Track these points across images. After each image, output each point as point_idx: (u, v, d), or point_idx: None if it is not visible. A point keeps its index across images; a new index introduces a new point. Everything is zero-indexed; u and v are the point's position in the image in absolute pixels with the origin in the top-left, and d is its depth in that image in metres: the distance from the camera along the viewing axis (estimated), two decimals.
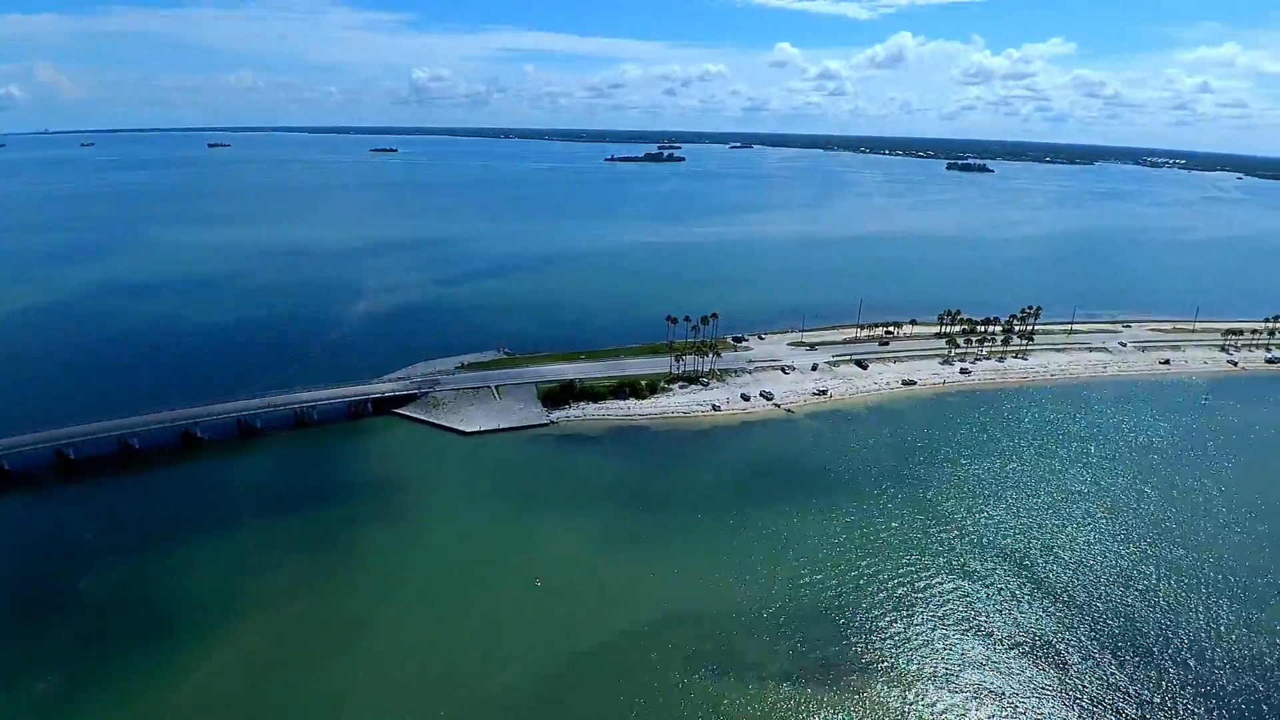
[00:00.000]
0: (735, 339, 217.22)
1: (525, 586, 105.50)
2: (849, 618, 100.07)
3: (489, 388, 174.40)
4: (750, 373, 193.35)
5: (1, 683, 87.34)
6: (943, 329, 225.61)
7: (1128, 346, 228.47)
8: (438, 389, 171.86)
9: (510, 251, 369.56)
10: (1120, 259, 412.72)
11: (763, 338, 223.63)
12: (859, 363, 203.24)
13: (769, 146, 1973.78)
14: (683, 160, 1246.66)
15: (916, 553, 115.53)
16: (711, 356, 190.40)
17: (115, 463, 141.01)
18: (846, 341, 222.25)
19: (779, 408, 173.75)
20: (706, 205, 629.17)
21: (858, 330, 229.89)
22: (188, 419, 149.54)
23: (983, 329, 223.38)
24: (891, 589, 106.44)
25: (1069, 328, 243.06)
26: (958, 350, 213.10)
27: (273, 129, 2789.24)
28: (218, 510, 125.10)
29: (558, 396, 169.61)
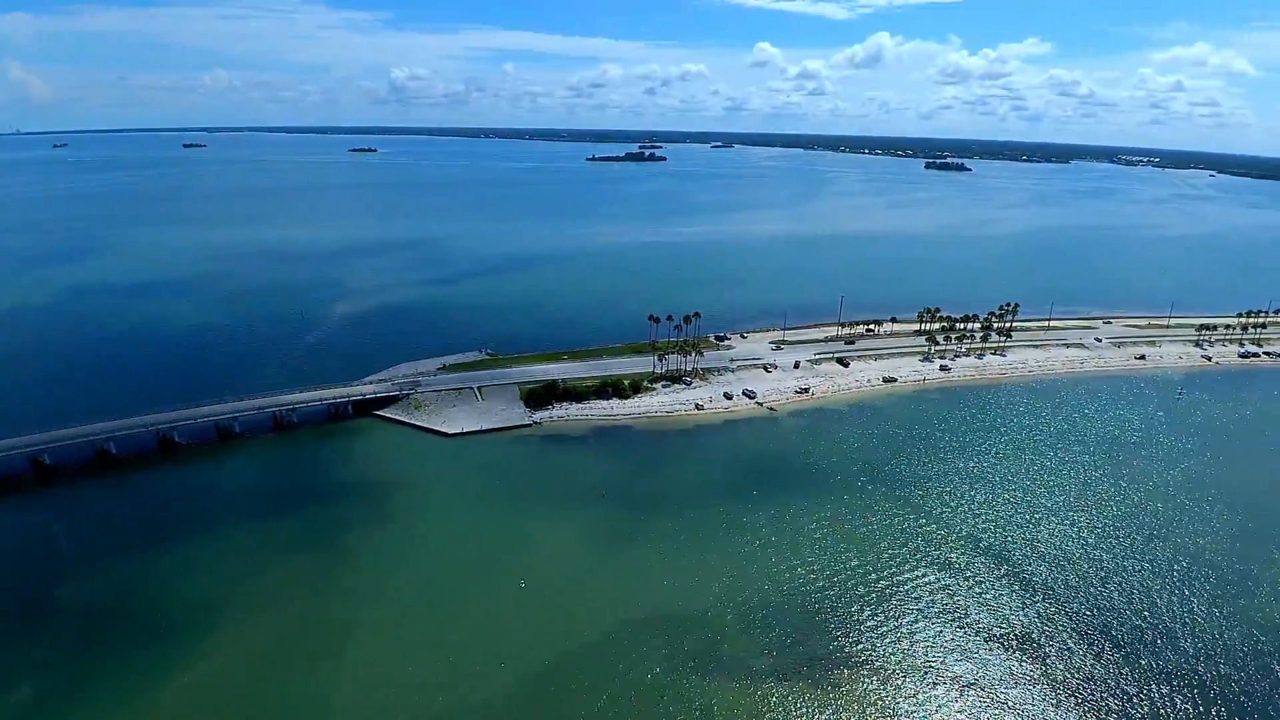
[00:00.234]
0: (718, 338, 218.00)
1: (510, 588, 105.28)
2: (833, 612, 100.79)
3: (471, 389, 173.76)
4: (733, 371, 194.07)
5: None
6: (923, 326, 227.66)
7: (1104, 342, 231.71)
8: (419, 390, 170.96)
9: (492, 252, 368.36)
10: (1096, 256, 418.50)
11: (745, 336, 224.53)
12: (841, 360, 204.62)
13: (750, 146, 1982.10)
14: (664, 160, 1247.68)
15: (898, 547, 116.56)
16: (694, 355, 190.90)
17: (92, 469, 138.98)
18: (828, 340, 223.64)
19: (761, 406, 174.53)
20: (689, 205, 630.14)
21: (839, 328, 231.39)
22: (165, 423, 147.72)
23: (962, 326, 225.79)
24: (874, 583, 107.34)
25: (1046, 324, 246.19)
26: (938, 348, 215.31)
27: (250, 129, 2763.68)
28: (198, 515, 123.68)
29: (540, 397, 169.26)
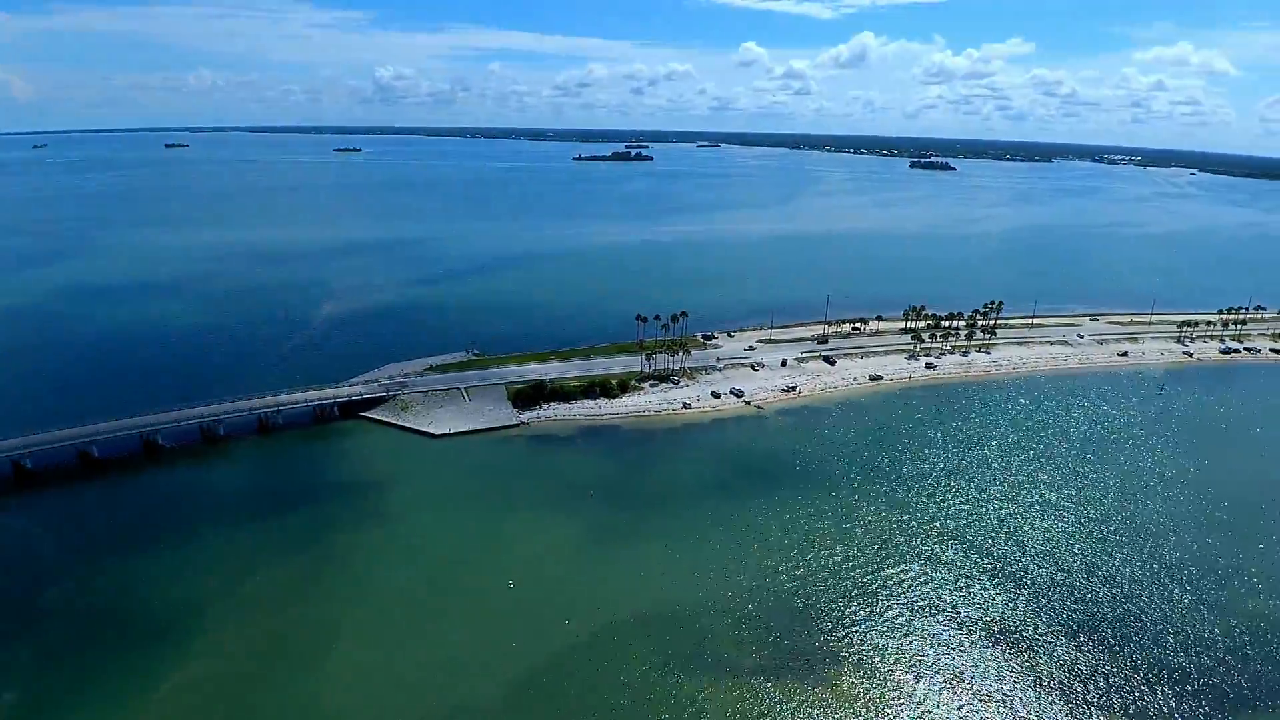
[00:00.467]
0: (705, 337, 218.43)
1: (499, 589, 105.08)
2: (821, 609, 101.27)
3: (458, 389, 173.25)
4: (720, 370, 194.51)
5: None
6: (908, 325, 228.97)
7: (1087, 339, 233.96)
8: (406, 391, 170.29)
9: (479, 252, 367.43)
10: (1079, 253, 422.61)
11: (732, 335, 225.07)
12: (827, 359, 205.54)
13: (737, 146, 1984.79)
14: (651, 160, 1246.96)
15: (885, 543, 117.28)
16: (682, 355, 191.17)
17: (74, 472, 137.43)
18: (815, 338, 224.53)
19: (749, 404, 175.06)
20: (676, 204, 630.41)
21: (825, 327, 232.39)
22: (148, 426, 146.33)
23: (947, 324, 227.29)
24: (862, 579, 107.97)
25: (1030, 322, 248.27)
26: (923, 345, 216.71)
27: (233, 129, 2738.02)
28: (183, 518, 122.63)
29: (528, 397, 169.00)
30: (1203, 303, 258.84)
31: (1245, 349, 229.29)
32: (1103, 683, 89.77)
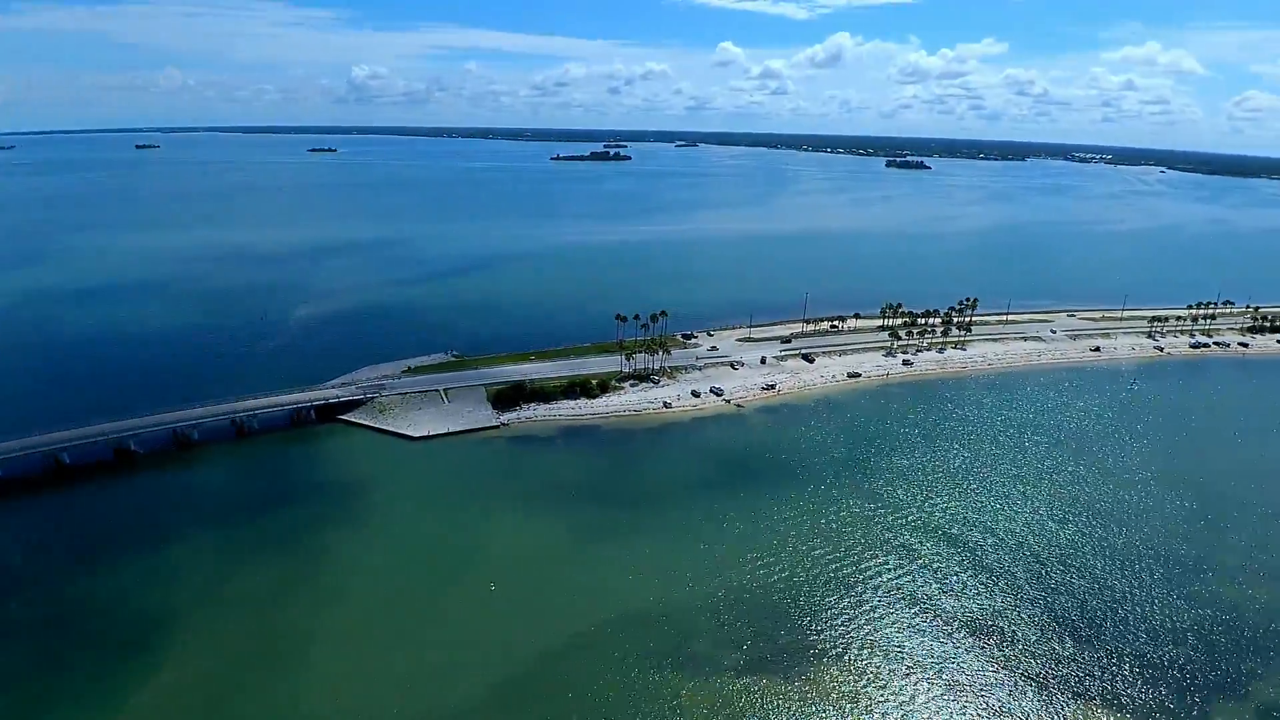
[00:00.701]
0: (685, 336, 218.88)
1: (480, 591, 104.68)
2: (802, 605, 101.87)
3: (437, 391, 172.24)
4: (700, 369, 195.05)
5: None
6: (886, 322, 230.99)
7: (1060, 335, 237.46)
8: (384, 393, 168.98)
9: (457, 252, 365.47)
10: (1052, 251, 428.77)
11: (712, 334, 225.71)
12: (806, 357, 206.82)
13: (714, 145, 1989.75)
14: (630, 159, 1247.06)
15: (864, 538, 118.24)
16: (662, 354, 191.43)
17: (45, 480, 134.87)
18: (794, 336, 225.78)
19: (729, 403, 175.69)
20: (654, 204, 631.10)
21: (804, 325, 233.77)
22: (121, 432, 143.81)
23: (923, 321, 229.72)
24: (841, 574, 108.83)
25: (1005, 318, 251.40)
26: (900, 342, 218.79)
27: (205, 129, 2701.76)
28: (158, 525, 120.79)
29: (508, 398, 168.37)
30: (1173, 298, 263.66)
31: (1215, 343, 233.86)
32: (1077, 671, 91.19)
